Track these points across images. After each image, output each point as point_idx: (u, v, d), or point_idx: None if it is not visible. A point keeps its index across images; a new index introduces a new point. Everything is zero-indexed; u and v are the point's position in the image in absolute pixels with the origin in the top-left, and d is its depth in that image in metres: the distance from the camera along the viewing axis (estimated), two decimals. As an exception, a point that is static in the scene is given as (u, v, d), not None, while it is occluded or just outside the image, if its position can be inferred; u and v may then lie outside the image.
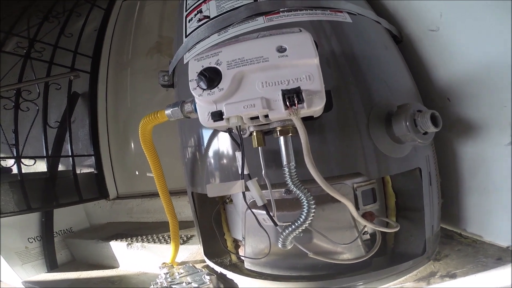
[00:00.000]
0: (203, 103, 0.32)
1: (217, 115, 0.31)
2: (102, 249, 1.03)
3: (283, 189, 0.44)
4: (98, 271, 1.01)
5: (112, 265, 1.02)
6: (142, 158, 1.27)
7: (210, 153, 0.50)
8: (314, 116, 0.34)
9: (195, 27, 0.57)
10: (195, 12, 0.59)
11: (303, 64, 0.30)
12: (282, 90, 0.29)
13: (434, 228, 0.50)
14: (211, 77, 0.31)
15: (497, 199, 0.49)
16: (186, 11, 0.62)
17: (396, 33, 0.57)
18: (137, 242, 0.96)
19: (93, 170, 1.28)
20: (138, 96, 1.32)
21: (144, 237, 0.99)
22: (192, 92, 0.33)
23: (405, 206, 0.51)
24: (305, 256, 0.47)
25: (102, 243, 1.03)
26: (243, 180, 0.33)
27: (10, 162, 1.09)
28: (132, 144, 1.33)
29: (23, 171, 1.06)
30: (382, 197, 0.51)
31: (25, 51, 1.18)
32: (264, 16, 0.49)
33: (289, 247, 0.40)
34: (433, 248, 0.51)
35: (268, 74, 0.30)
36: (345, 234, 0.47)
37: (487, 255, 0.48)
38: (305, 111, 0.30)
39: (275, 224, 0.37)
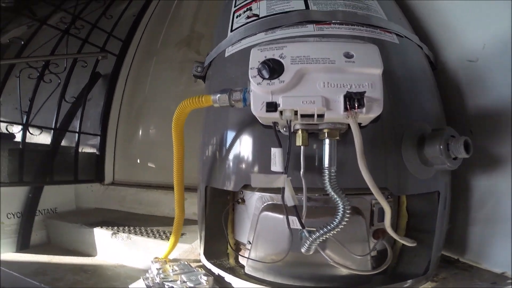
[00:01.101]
0: (260, 92, 0.31)
1: (272, 106, 0.30)
2: (84, 235, 0.95)
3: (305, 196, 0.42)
4: (73, 257, 0.92)
5: (89, 253, 0.94)
6: (147, 147, 1.25)
7: (234, 149, 0.47)
8: (362, 125, 0.33)
9: (243, 23, 0.56)
10: (245, 9, 0.58)
11: (367, 72, 0.29)
12: (347, 91, 0.28)
13: (439, 250, 0.49)
14: (274, 67, 0.30)
15: (500, 229, 0.49)
16: (235, 7, 0.61)
17: (433, 60, 0.57)
18: (123, 232, 0.89)
19: (95, 151, 1.23)
20: (157, 85, 1.29)
21: (131, 228, 0.92)
22: (251, 79, 0.31)
23: (416, 227, 0.50)
24: (310, 266, 0.46)
25: (85, 229, 0.95)
26: (286, 175, 0.32)
27: (16, 129, 1.04)
28: (140, 131, 1.29)
29: (27, 141, 1.01)
30: (395, 217, 0.50)
31: (65, 26, 1.17)
32: (314, 25, 0.49)
33: (311, 253, 0.38)
34: (433, 270, 0.50)
35: (331, 75, 0.30)
36: (358, 247, 0.46)
37: (483, 279, 0.48)
38: (363, 116, 0.29)
39: (303, 227, 0.35)
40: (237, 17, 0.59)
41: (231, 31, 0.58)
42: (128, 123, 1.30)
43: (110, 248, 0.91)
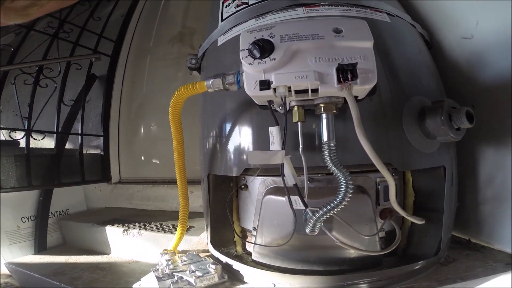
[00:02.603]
0: (252, 71, 0.32)
1: (265, 84, 0.31)
2: (96, 234, 0.99)
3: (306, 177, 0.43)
4: (88, 256, 0.97)
5: (104, 251, 0.98)
6: (149, 144, 1.28)
7: (233, 133, 0.48)
8: (358, 98, 0.33)
9: (233, 12, 0.56)
10: (233, -2, 0.58)
11: (358, 46, 0.30)
12: (338, 64, 0.28)
13: (449, 230, 0.49)
14: (264, 46, 0.31)
15: (509, 208, 0.49)
16: (223, -4, 0.62)
17: (427, 39, 0.57)
18: (134, 229, 0.92)
19: (99, 151, 1.26)
20: (154, 83, 1.31)
21: (141, 224, 0.95)
22: (242, 60, 0.32)
23: (423, 206, 0.50)
24: (318, 249, 0.46)
25: (97, 228, 0.99)
26: (283, 151, 0.32)
27: (19, 136, 1.07)
28: (142, 129, 1.31)
29: (31, 146, 1.04)
30: (401, 195, 0.50)
31: (54, 30, 1.18)
32: (304, 7, 0.49)
33: (316, 233, 0.38)
34: (444, 251, 0.50)
35: (322, 51, 0.30)
36: (365, 228, 0.46)
37: (496, 260, 0.48)
38: (357, 87, 0.29)
39: (306, 206, 0.36)
40: (226, 7, 0.59)
41: (222, 20, 0.58)
42: (129, 121, 1.33)
43: (123, 245, 0.95)
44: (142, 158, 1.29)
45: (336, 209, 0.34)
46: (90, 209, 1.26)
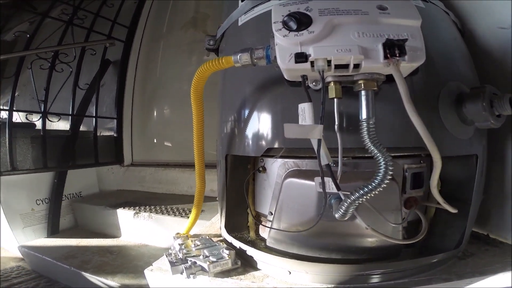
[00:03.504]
0: (287, 44, 0.29)
1: (302, 57, 0.28)
2: (108, 217, 0.99)
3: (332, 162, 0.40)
4: (99, 239, 0.97)
5: (114, 234, 0.99)
6: (162, 127, 1.26)
7: (255, 113, 0.45)
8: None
9: (254, -9, 0.52)
10: (255, -23, 0.54)
11: (405, 23, 0.27)
12: (387, 39, 0.26)
13: (473, 222, 0.46)
14: (301, 19, 0.28)
15: None
16: (245, -24, 0.57)
17: (460, 27, 0.53)
18: (144, 212, 0.92)
19: (113, 134, 1.26)
20: (167, 68, 1.28)
21: (152, 207, 0.95)
22: (275, 33, 0.29)
23: (451, 196, 0.47)
24: (340, 237, 0.43)
25: (109, 210, 0.99)
26: (322, 126, 0.30)
27: (35, 118, 1.06)
28: (155, 112, 1.30)
29: (47, 127, 1.04)
30: (427, 184, 0.48)
31: (68, 17, 1.17)
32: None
33: (347, 218, 0.36)
34: (465, 244, 0.47)
35: (366, 26, 0.28)
36: (390, 216, 0.43)
37: None
38: (405, 64, 0.26)
39: (338, 189, 0.33)
40: (247, -14, 0.55)
41: (242, 0, 0.55)
42: (142, 105, 1.31)
43: (133, 228, 0.95)
44: (155, 141, 1.28)
45: (373, 192, 0.31)
46: (102, 191, 1.26)
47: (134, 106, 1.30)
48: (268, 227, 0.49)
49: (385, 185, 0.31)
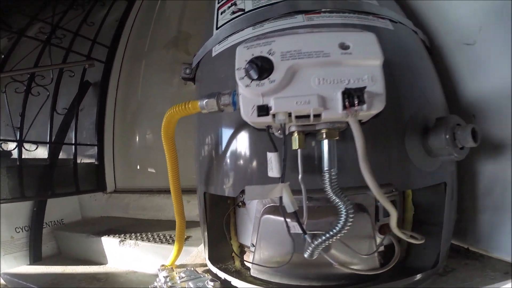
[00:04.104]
0: (249, 95, 0.28)
1: (264, 110, 0.27)
2: (92, 244, 0.95)
3: (305, 197, 0.40)
4: (85, 266, 0.92)
5: (100, 261, 0.94)
6: (145, 152, 1.22)
7: (230, 153, 0.45)
8: (362, 121, 0.30)
9: (228, 19, 0.52)
10: (229, 4, 0.54)
11: (366, 64, 0.26)
12: (345, 88, 0.25)
13: (447, 242, 0.47)
14: (262, 66, 0.27)
15: (508, 217, 0.47)
16: (218, 3, 0.57)
17: (428, 44, 0.54)
18: (130, 239, 0.88)
19: (94, 161, 1.21)
20: (149, 89, 1.25)
21: (138, 234, 0.91)
22: (238, 81, 0.28)
23: (423, 220, 0.48)
24: (316, 266, 0.44)
25: (93, 238, 0.94)
26: (282, 185, 0.29)
27: (11, 146, 1.01)
28: (137, 137, 1.26)
29: (24, 156, 0.99)
30: (401, 210, 0.48)
31: (46, 36, 1.12)
32: (304, 15, 0.45)
33: (315, 257, 0.36)
34: (443, 262, 0.48)
35: (327, 70, 0.27)
36: (364, 245, 0.44)
37: (495, 270, 0.46)
38: (364, 113, 0.26)
39: (304, 232, 0.33)
40: (221, 14, 0.55)
41: (217, 28, 0.54)
42: (124, 129, 1.27)
43: (120, 255, 0.91)
44: (138, 167, 1.24)
45: (335, 237, 0.31)
46: (85, 218, 1.21)
47: (116, 131, 1.25)
48: (248, 262, 0.50)
49: (346, 231, 0.30)
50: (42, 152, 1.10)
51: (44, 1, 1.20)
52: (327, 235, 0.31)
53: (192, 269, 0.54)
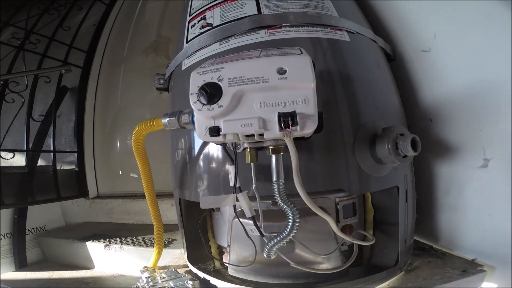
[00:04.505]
0: (202, 117, 0.33)
1: (215, 131, 0.32)
2: (78, 250, 0.98)
3: (270, 201, 0.45)
4: (72, 271, 0.95)
5: (87, 266, 0.97)
6: (126, 158, 1.25)
7: (201, 161, 0.49)
8: (305, 137, 0.35)
9: (197, 33, 0.56)
10: (199, 18, 0.58)
11: (300, 87, 0.31)
12: (278, 113, 0.30)
13: (407, 241, 0.52)
14: (212, 93, 0.32)
15: (465, 216, 0.52)
16: (189, 15, 0.61)
17: (389, 52, 0.58)
18: (115, 244, 0.91)
19: (74, 167, 1.23)
20: (129, 94, 1.28)
21: (123, 239, 0.95)
22: (192, 105, 0.33)
23: (382, 221, 0.53)
24: (287, 265, 0.48)
25: (78, 243, 0.97)
26: (234, 194, 0.34)
27: None
28: (118, 142, 1.28)
29: (1, 164, 1.01)
30: (361, 211, 0.53)
31: (19, 42, 1.12)
32: (266, 30, 0.50)
33: (273, 257, 0.40)
34: (405, 260, 0.53)
35: (266, 94, 0.31)
36: (326, 245, 0.49)
37: (454, 267, 0.50)
38: (298, 133, 0.30)
39: (262, 235, 0.38)
40: (191, 27, 0.59)
41: (187, 42, 0.58)
42: (104, 135, 1.29)
43: (105, 260, 0.94)
44: (120, 172, 1.27)
45: (286, 239, 0.36)
46: (68, 224, 1.23)
47: (96, 136, 1.27)
48: (223, 262, 0.56)
49: (294, 234, 0.35)
50: (19, 160, 1.11)
51: (17, 5, 1.20)
52: (278, 238, 0.36)
53: (174, 269, 0.59)
